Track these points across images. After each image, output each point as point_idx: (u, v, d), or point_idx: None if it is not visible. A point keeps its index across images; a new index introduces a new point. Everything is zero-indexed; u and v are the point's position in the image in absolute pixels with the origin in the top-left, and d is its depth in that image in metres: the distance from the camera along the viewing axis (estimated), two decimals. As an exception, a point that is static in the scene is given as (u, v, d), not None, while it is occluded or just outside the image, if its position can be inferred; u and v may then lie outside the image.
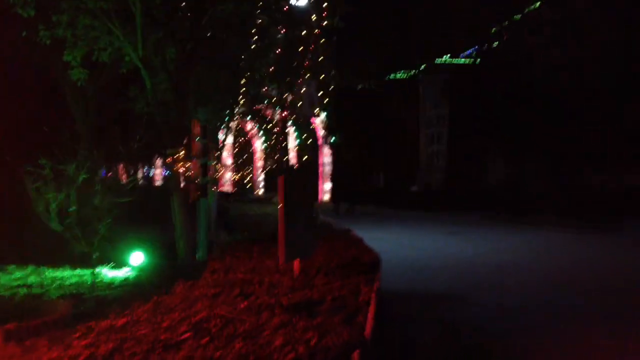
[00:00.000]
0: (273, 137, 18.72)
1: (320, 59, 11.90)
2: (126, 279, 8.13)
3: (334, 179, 23.64)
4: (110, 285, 7.75)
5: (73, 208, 7.48)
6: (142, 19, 9.22)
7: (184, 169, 7.30)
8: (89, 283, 7.52)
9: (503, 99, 23.30)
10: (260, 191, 29.94)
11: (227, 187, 29.27)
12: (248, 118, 15.83)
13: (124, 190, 7.30)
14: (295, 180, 4.92)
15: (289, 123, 12.81)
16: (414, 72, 29.85)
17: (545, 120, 21.05)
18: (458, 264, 9.50)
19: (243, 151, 29.97)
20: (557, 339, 5.01)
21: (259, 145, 30.62)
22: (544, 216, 16.14)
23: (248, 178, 29.48)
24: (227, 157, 29.20)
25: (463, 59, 30.06)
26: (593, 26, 22.42)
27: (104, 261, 8.44)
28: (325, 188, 27.19)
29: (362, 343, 3.20)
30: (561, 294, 7.08)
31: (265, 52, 9.85)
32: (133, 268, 8.66)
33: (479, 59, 29.97)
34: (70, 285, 7.57)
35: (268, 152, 22.84)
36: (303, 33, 11.66)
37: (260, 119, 14.90)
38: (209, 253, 7.45)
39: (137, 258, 8.77)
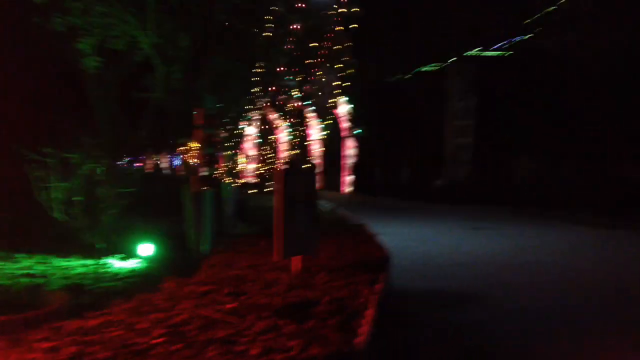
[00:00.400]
0: (294, 129, 18.45)
1: (335, 47, 11.48)
2: (133, 270, 7.93)
3: (354, 170, 23.55)
4: (116, 276, 7.55)
5: (78, 197, 7.35)
6: (155, 6, 9.03)
7: (195, 159, 7.06)
8: (95, 274, 7.36)
9: (535, 91, 22.59)
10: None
11: (250, 179, 29.19)
12: (269, 109, 15.50)
13: (131, 180, 7.14)
14: (297, 175, 4.62)
15: (309, 114, 12.50)
16: (442, 65, 29.22)
17: (580, 112, 20.31)
18: (478, 261, 9.07)
19: (267, 142, 29.82)
20: (576, 350, 4.60)
21: (283, 136, 30.47)
22: (574, 212, 15.50)
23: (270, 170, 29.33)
24: (251, 149, 29.14)
25: (493, 52, 29.30)
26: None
27: (113, 251, 8.29)
28: (348, 180, 26.88)
29: (353, 353, 2.88)
30: (585, 298, 6.61)
31: (281, 40, 9.55)
32: (142, 259, 8.49)
33: (509, 52, 29.19)
34: (75, 276, 7.41)
35: (289, 144, 22.63)
36: (320, 21, 11.29)
37: (281, 110, 14.56)
38: (216, 246, 7.21)
39: (147, 249, 8.60)
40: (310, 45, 11.09)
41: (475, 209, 18.98)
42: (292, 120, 13.82)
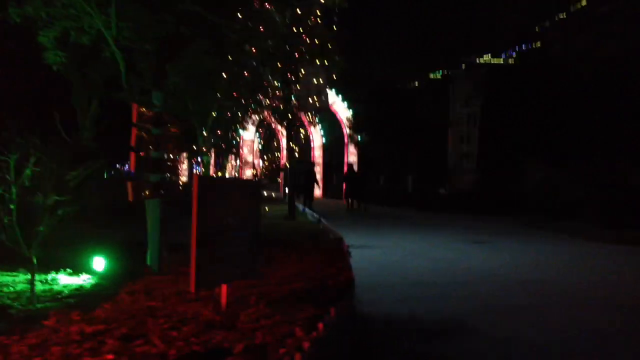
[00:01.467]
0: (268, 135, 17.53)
1: (318, 40, 10.62)
2: (80, 288, 7.03)
3: (346, 177, 22.75)
4: (58, 295, 6.65)
5: (12, 206, 6.46)
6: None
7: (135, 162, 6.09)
8: (36, 291, 6.47)
9: (544, 98, 21.64)
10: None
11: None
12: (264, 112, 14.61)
13: (70, 187, 6.25)
14: (223, 185, 3.69)
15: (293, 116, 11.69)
16: (446, 72, 28.44)
17: (591, 119, 19.34)
18: (476, 280, 8.05)
19: (268, 148, 28.98)
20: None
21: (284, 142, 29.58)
22: (582, 225, 14.40)
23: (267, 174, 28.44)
24: (248, 154, 28.27)
25: (498, 59, 28.46)
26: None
27: (60, 266, 7.42)
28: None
29: None
30: (589, 326, 5.59)
31: (255, 34, 8.71)
32: (93, 275, 7.60)
33: (515, 59, 28.28)
34: (9, 294, 6.53)
35: (263, 150, 21.76)
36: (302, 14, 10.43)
37: (276, 113, 13.72)
38: (166, 262, 6.28)
39: (99, 263, 7.72)
40: (291, 39, 10.25)
41: (478, 220, 17.98)
42: (282, 124, 12.97)
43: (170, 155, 6.66)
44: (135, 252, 8.05)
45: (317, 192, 29.15)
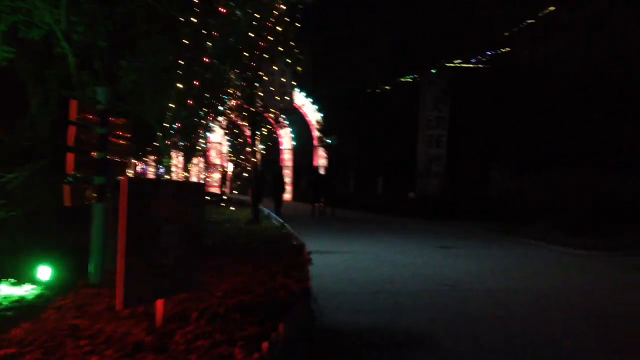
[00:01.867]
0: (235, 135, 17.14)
1: (273, 39, 10.29)
2: (21, 299, 6.55)
3: (311, 181, 22.36)
4: (-6, 308, 6.19)
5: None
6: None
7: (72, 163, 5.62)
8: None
9: (513, 103, 21.71)
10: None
11: (214, 189, 27.76)
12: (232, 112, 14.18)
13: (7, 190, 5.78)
14: (158, 188, 3.34)
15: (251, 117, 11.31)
16: (417, 76, 28.43)
17: (557, 125, 19.43)
18: (440, 288, 7.82)
19: (238, 150, 28.43)
20: None
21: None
22: (548, 231, 14.36)
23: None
24: (215, 157, 27.75)
25: (467, 64, 28.57)
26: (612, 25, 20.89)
27: (2, 275, 6.92)
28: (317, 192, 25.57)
29: None
30: (554, 334, 5.39)
31: (208, 28, 8.35)
32: (38, 285, 7.11)
33: (484, 63, 28.41)
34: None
35: (232, 152, 21.30)
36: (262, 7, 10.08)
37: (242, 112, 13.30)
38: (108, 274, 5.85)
39: (45, 273, 7.23)
40: (254, 34, 9.89)
41: (446, 225, 17.88)
42: (248, 125, 12.57)
43: (118, 157, 6.23)
44: (85, 260, 7.59)
45: (286, 195, 28.79)
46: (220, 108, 12.15)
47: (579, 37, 24.62)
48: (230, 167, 29.07)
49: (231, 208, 16.83)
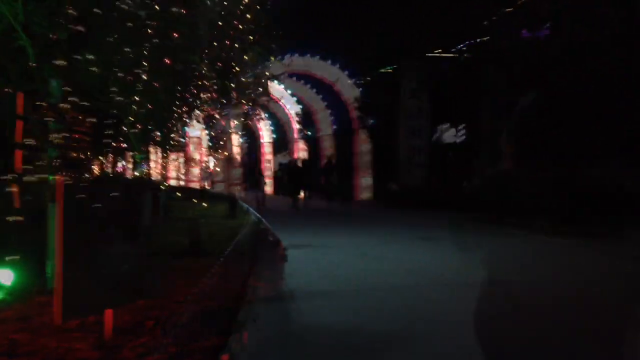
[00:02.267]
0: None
1: (243, 27, 9.92)
2: (-22, 307, 6.18)
3: (290, 172, 22.04)
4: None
5: None
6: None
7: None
8: None
9: (493, 90, 21.55)
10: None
11: (195, 184, 27.30)
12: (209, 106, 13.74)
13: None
14: (102, 188, 3.00)
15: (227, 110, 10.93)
16: (397, 65, 28.16)
17: (544, 115, 19.29)
18: (419, 282, 7.55)
19: (218, 144, 28.00)
20: None
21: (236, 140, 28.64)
22: (535, 221, 14.19)
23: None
24: (194, 152, 27.24)
25: (447, 54, 28.41)
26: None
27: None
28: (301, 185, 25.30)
29: None
30: (541, 332, 5.15)
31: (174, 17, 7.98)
32: (1, 289, 6.74)
33: (464, 52, 28.28)
34: None
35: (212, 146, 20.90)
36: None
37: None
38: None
39: (6, 276, 6.84)
40: (219, 23, 9.53)
41: (429, 216, 17.71)
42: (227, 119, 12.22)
43: (81, 154, 5.87)
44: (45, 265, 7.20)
45: (267, 189, 28.48)
46: (192, 100, 11.72)
47: (559, 27, 24.54)
48: (211, 162, 28.62)
49: (203, 204, 16.55)
